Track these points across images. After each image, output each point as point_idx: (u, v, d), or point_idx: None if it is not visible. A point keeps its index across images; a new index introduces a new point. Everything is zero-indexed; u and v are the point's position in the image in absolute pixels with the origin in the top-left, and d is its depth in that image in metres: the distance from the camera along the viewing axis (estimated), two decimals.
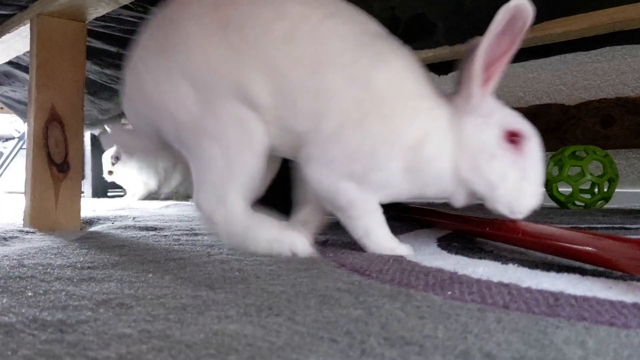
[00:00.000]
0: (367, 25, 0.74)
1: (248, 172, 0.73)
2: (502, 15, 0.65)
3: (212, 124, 0.71)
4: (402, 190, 0.73)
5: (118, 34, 1.38)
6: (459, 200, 0.73)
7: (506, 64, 0.69)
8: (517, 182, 0.70)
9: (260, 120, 0.72)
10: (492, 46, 0.67)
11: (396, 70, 0.71)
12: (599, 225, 1.09)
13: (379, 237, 0.74)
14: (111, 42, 1.42)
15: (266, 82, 0.70)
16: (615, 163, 1.69)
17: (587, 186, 1.69)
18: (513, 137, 0.70)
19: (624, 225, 1.09)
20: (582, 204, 1.69)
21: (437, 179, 0.71)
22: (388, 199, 0.74)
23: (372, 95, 0.70)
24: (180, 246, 0.82)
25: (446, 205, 0.78)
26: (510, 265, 0.64)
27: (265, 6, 0.72)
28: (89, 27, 1.16)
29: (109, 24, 1.31)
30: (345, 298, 0.48)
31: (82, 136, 1.07)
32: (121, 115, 2.01)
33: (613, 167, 1.67)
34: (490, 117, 0.70)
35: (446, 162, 0.70)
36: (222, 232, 0.74)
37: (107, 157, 2.42)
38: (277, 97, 0.71)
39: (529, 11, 0.64)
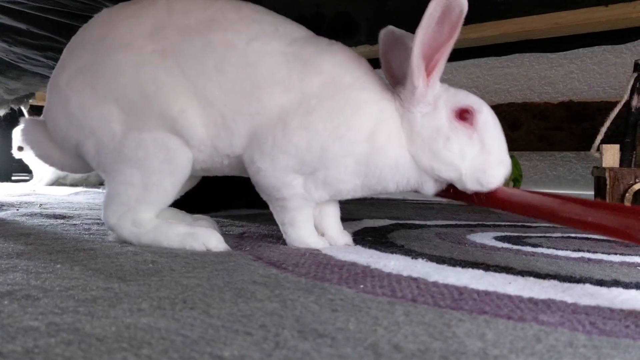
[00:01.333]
0: (292, 35, 0.74)
1: (165, 198, 0.74)
2: (434, 6, 0.65)
3: (136, 151, 0.71)
4: (356, 186, 0.73)
5: (28, 11, 1.31)
6: (429, 188, 0.73)
7: (448, 53, 0.68)
8: (477, 156, 0.70)
9: (187, 150, 0.72)
10: (430, 37, 0.67)
11: (330, 68, 0.71)
12: (503, 223, 1.16)
13: (302, 230, 0.75)
14: (21, 19, 1.35)
15: (200, 113, 0.70)
16: (520, 164, 1.79)
17: None
18: (464, 114, 0.70)
19: (525, 223, 1.16)
20: None
21: (394, 168, 0.71)
22: (339, 196, 0.75)
23: (312, 96, 0.70)
24: (91, 236, 0.80)
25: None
26: (420, 260, 0.67)
27: (194, 37, 0.71)
28: None
29: (19, 0, 1.24)
30: (260, 291, 0.49)
31: None
32: (29, 96, 1.91)
33: (518, 168, 1.77)
34: (437, 102, 0.71)
35: (399, 150, 0.70)
36: (131, 236, 0.73)
37: (17, 132, 2.27)
38: (212, 128, 0.71)
39: (462, 0, 0.64)
